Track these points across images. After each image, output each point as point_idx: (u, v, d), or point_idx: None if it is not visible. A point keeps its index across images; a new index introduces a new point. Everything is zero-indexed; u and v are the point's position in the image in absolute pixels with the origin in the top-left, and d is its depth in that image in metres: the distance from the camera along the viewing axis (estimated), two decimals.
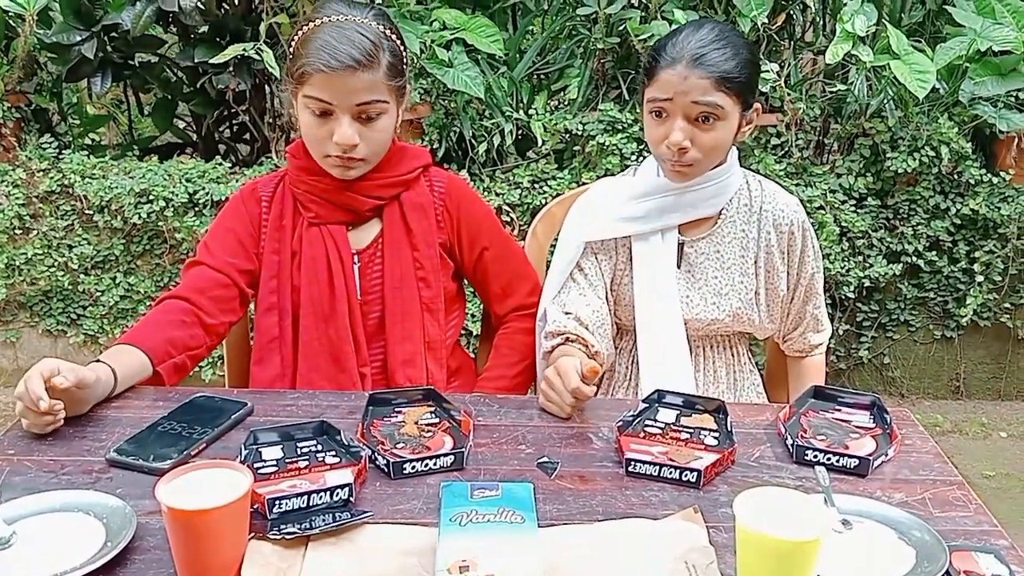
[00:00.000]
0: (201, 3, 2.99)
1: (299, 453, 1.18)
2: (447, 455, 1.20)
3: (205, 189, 3.00)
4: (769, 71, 2.82)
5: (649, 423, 1.31)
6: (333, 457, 1.18)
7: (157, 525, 1.03)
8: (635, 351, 1.64)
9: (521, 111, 3.06)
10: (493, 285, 1.69)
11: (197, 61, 3.07)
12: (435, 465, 1.19)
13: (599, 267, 1.63)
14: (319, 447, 1.20)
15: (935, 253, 3.14)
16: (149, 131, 3.88)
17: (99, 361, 1.35)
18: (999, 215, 3.04)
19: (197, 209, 3.02)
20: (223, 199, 2.96)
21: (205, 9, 3.04)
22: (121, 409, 1.34)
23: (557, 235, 1.72)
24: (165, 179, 3.01)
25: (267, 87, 3.35)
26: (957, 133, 2.96)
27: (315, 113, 1.45)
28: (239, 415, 1.32)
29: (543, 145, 3.06)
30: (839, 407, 1.39)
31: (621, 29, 3.02)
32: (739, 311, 1.60)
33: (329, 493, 1.09)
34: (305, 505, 1.08)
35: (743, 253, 1.61)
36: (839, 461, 1.22)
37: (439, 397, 1.35)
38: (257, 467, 1.14)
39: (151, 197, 2.99)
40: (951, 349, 3.32)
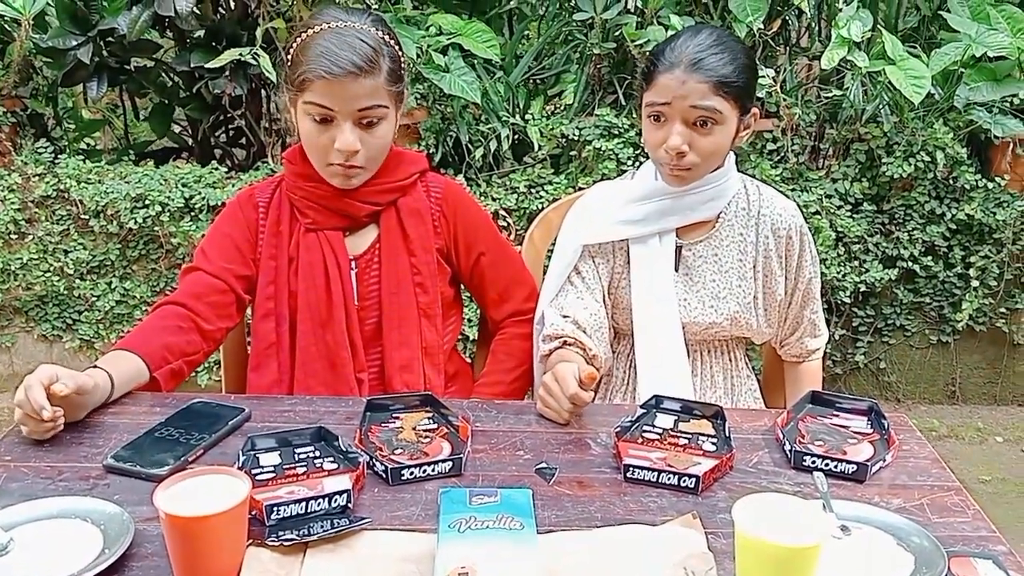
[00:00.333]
0: (197, 8, 2.99)
1: (297, 459, 1.18)
2: (445, 461, 1.19)
3: (201, 194, 2.99)
4: (765, 76, 2.83)
5: (647, 429, 1.31)
6: (331, 463, 1.17)
7: (155, 532, 1.03)
8: (633, 356, 1.64)
9: (517, 116, 3.07)
10: (490, 290, 1.69)
11: (193, 66, 3.07)
12: (433, 471, 1.18)
13: (596, 270, 1.63)
14: (317, 453, 1.19)
15: (931, 258, 3.15)
16: (145, 136, 3.88)
17: (96, 367, 1.35)
18: (994, 220, 3.05)
19: (193, 214, 3.02)
20: (219, 204, 2.96)
21: (201, 14, 3.05)
22: (118, 415, 1.33)
23: (554, 240, 1.72)
24: (161, 184, 3.01)
25: (263, 92, 3.35)
26: (952, 138, 2.97)
27: (316, 120, 1.45)
28: (237, 421, 1.31)
29: (539, 150, 3.07)
30: (837, 412, 1.39)
31: (617, 34, 3.03)
32: (737, 315, 1.60)
33: (327, 499, 1.09)
34: (303, 511, 1.07)
35: (741, 257, 1.61)
36: (837, 467, 1.22)
37: (437, 403, 1.35)
38: (255, 473, 1.13)
39: (147, 202, 2.98)
40: (947, 354, 3.33)
